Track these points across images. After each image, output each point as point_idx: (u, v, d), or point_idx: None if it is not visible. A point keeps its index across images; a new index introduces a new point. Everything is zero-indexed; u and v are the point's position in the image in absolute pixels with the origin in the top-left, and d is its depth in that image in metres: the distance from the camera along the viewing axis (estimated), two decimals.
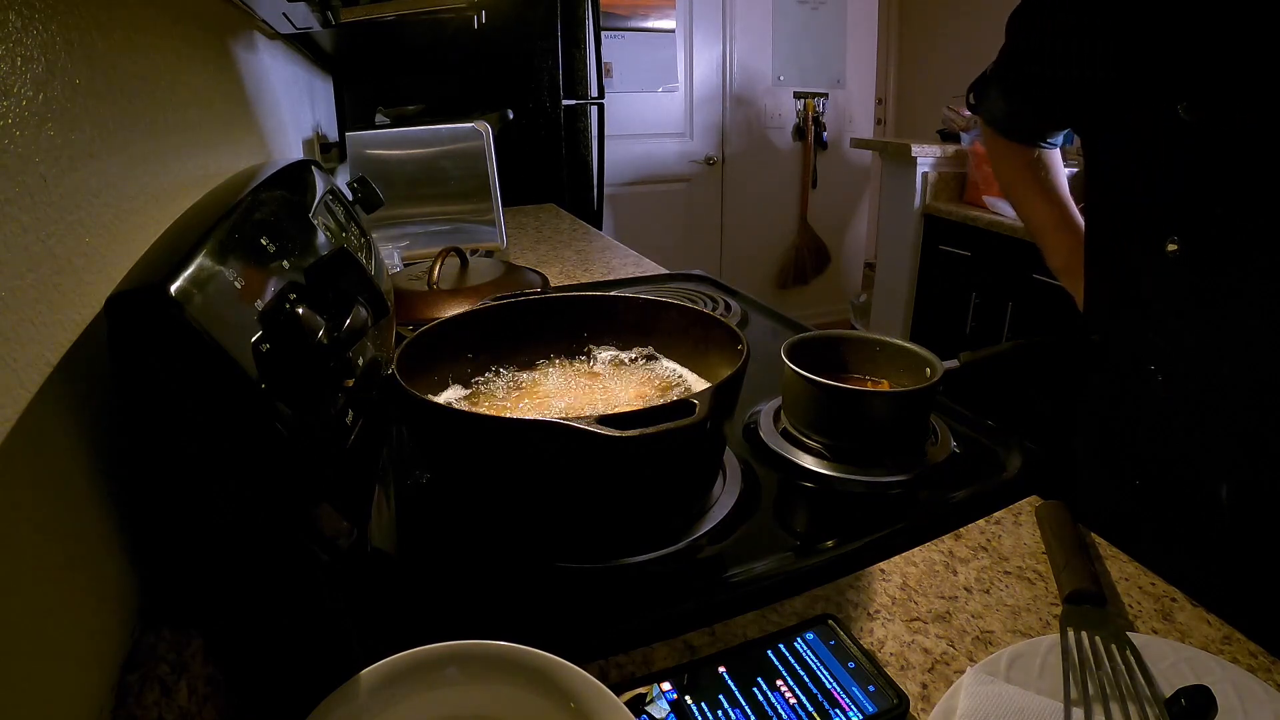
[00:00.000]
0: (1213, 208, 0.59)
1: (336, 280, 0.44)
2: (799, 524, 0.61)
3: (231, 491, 0.34)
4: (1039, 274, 1.93)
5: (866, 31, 3.48)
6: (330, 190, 0.67)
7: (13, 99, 0.29)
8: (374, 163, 1.23)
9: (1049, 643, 0.45)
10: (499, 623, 0.46)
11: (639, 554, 0.54)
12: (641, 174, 3.29)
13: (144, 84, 0.45)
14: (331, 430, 0.40)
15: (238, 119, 0.71)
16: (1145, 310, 0.67)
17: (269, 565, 0.36)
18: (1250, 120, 0.55)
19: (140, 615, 0.36)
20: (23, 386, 0.28)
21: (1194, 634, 0.48)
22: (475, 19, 1.04)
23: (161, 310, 0.30)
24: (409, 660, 0.37)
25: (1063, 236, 0.86)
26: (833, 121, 3.52)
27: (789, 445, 0.69)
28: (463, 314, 0.68)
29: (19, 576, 0.27)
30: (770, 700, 0.42)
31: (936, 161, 2.40)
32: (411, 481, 0.64)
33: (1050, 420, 1.25)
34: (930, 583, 0.53)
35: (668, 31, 3.16)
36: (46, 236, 0.31)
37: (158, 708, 0.32)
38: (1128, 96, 0.64)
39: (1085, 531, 0.57)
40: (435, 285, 0.96)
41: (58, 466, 0.31)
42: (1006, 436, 0.70)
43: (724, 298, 1.14)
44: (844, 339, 0.76)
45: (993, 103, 0.85)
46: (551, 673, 0.36)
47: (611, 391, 0.64)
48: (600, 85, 2.33)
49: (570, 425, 0.44)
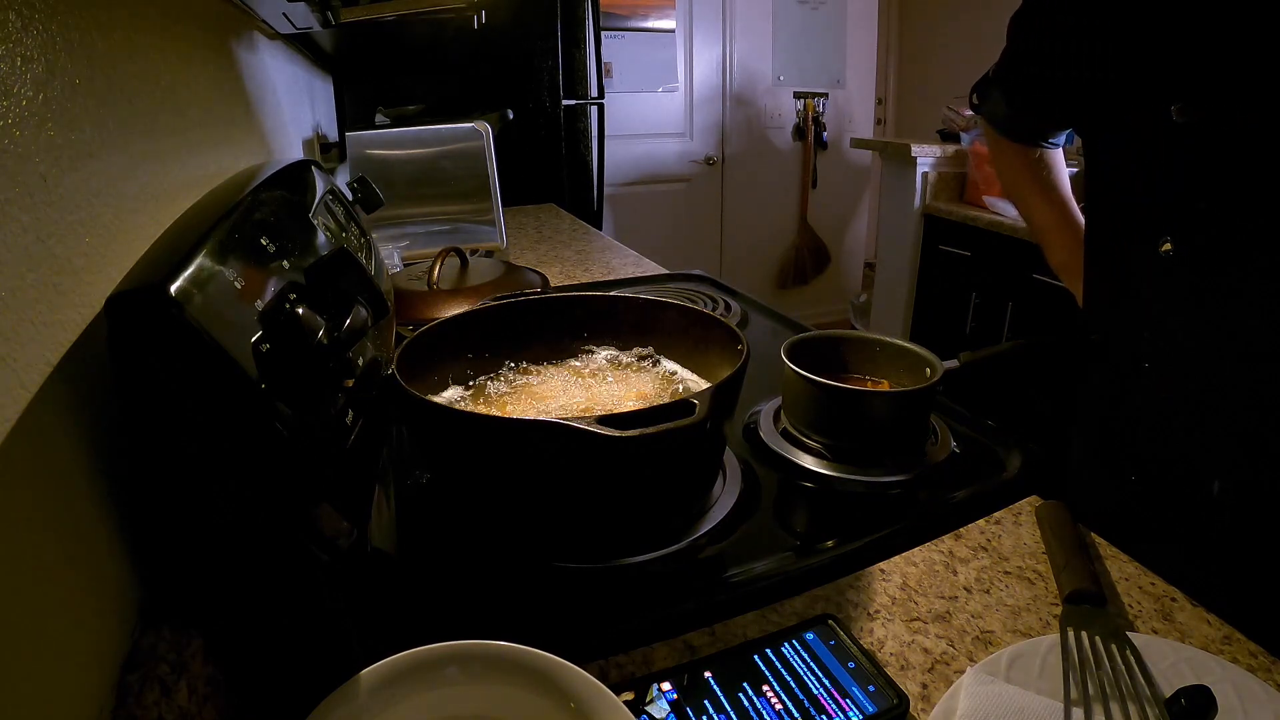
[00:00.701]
0: (1206, 209, 0.59)
1: (336, 280, 0.44)
2: (799, 524, 0.61)
3: (231, 491, 0.34)
4: (1039, 274, 1.93)
5: (866, 31, 3.48)
6: (330, 190, 0.67)
7: (13, 99, 0.29)
8: (374, 163, 1.23)
9: (1049, 643, 0.45)
10: (499, 623, 0.46)
11: (639, 554, 0.54)
12: (641, 174, 3.29)
13: (144, 84, 0.45)
14: (331, 430, 0.40)
15: (238, 119, 0.71)
16: (1141, 310, 0.67)
17: (269, 565, 0.36)
18: (1242, 122, 0.55)
19: (140, 615, 0.36)
20: (23, 386, 0.28)
21: (1194, 634, 0.48)
22: (475, 19, 1.04)
23: (161, 310, 0.30)
24: (409, 660, 0.37)
25: (1063, 235, 0.86)
26: (833, 121, 3.51)
27: (789, 445, 0.69)
28: (463, 314, 0.68)
29: (19, 576, 0.27)
30: (770, 702, 0.42)
31: (936, 161, 2.40)
32: (411, 481, 0.64)
33: (1050, 420, 1.25)
34: (930, 583, 0.53)
35: (668, 31, 3.16)
36: (46, 236, 0.31)
37: (158, 708, 0.32)
38: (1125, 98, 0.64)
39: (1085, 531, 0.57)
40: (435, 285, 0.96)
41: (58, 466, 0.31)
42: (1006, 436, 0.70)
43: (724, 298, 1.14)
44: (844, 339, 0.76)
45: (995, 103, 0.86)
46: (551, 673, 0.36)
47: (611, 391, 0.64)
48: (600, 85, 2.33)
49: (570, 425, 0.44)
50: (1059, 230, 0.87)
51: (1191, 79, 0.57)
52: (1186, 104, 0.57)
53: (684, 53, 3.23)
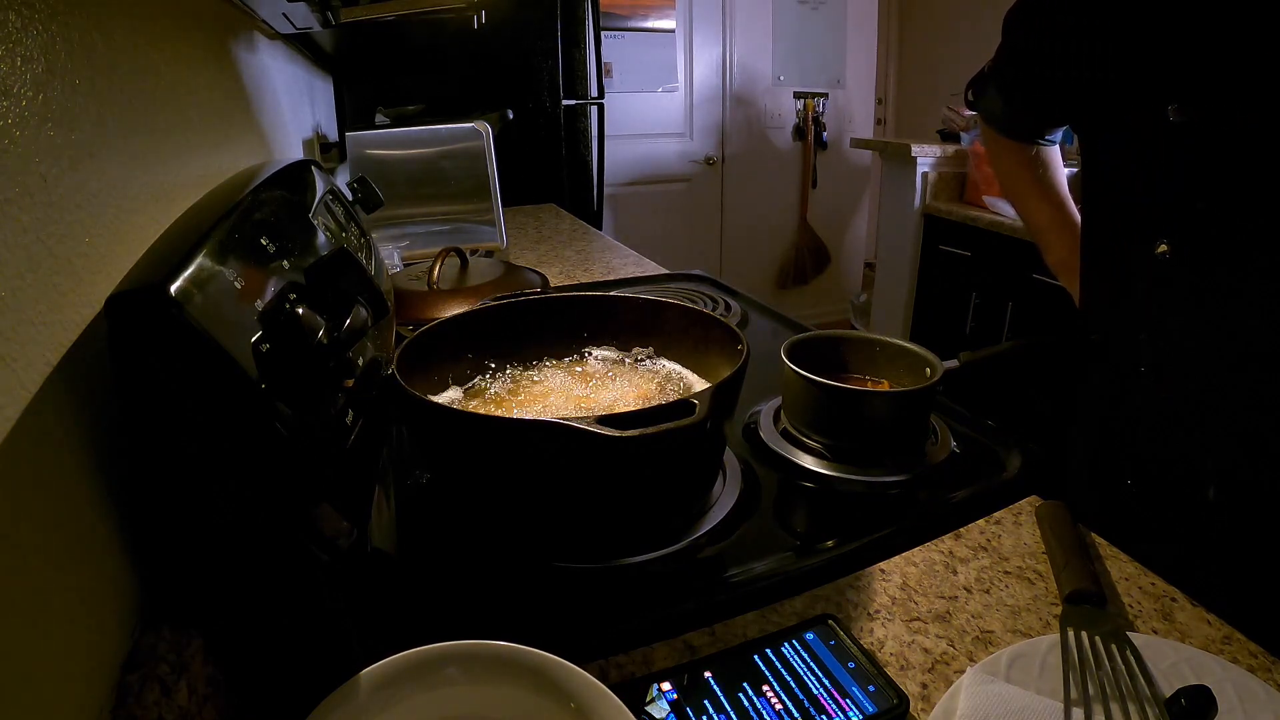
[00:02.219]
0: (1203, 210, 0.59)
1: (336, 280, 0.44)
2: (799, 524, 0.61)
3: (231, 491, 0.34)
4: (1039, 274, 1.93)
5: (866, 31, 3.48)
6: (330, 190, 0.67)
7: (13, 99, 0.29)
8: (374, 163, 1.23)
9: (1049, 643, 0.45)
10: (499, 623, 0.46)
11: (639, 554, 0.54)
12: (641, 174, 3.29)
13: (144, 84, 0.45)
14: (331, 430, 0.40)
15: (238, 119, 0.71)
16: (1138, 311, 0.67)
17: (269, 565, 0.36)
18: (1239, 123, 0.55)
19: (140, 615, 0.36)
20: (23, 386, 0.28)
21: (1194, 634, 0.48)
22: (475, 19, 1.04)
23: (161, 310, 0.30)
24: (409, 660, 0.37)
25: (1060, 234, 0.86)
26: (833, 121, 3.51)
27: (789, 445, 0.69)
28: (463, 314, 0.68)
29: (19, 576, 0.27)
30: (769, 702, 0.42)
31: (936, 161, 2.40)
32: (411, 481, 0.64)
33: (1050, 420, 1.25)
34: (930, 583, 0.53)
35: (668, 31, 3.16)
36: (46, 236, 0.31)
37: (158, 708, 0.32)
38: (1123, 97, 0.64)
39: (1085, 531, 0.57)
40: (435, 285, 0.96)
41: (58, 466, 0.31)
42: (1006, 436, 0.70)
43: (724, 298, 1.14)
44: (844, 339, 0.76)
45: (991, 100, 0.85)
46: (551, 673, 0.36)
47: (612, 391, 0.64)
48: (600, 85, 2.33)
49: (570, 425, 0.44)
50: (1056, 229, 0.87)
51: (1188, 79, 0.57)
52: (1183, 104, 0.57)
53: (684, 53, 3.23)
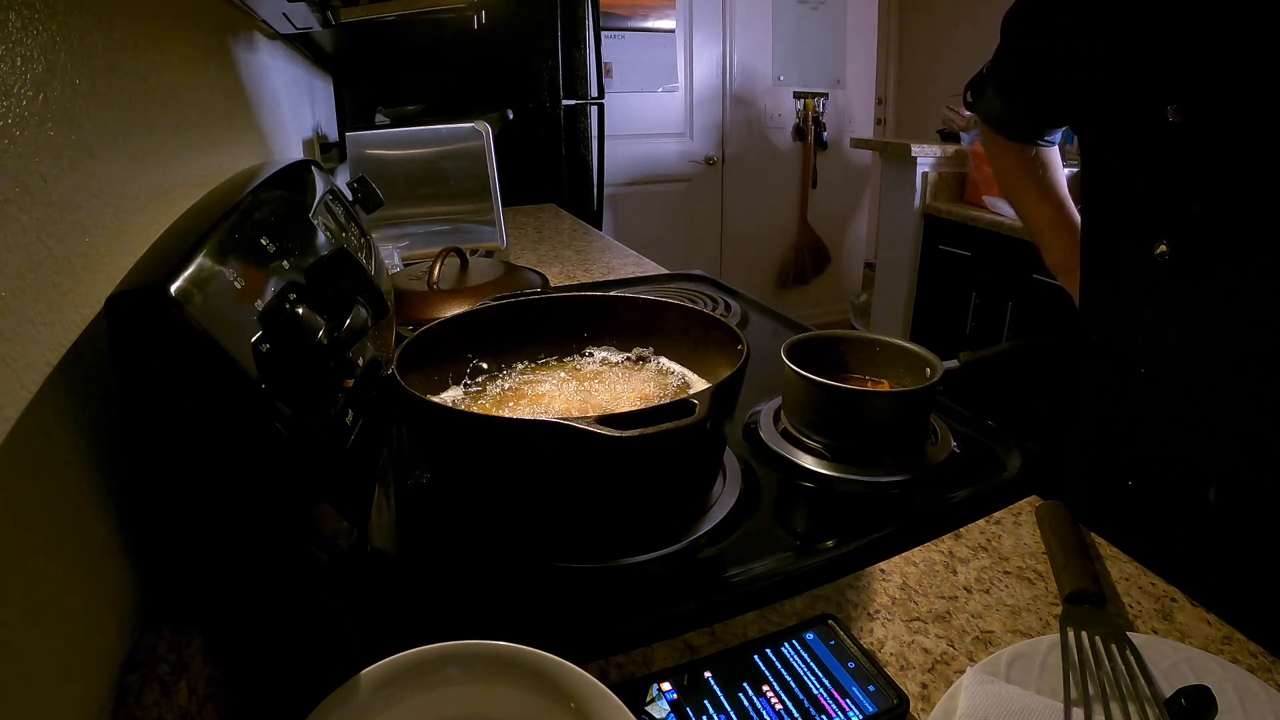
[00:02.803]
0: (1201, 211, 0.59)
1: (336, 280, 0.44)
2: (799, 524, 0.61)
3: (231, 491, 0.34)
4: (1039, 274, 1.93)
5: (866, 31, 3.48)
6: (330, 190, 0.67)
7: (13, 99, 0.29)
8: (374, 163, 1.23)
9: (1049, 643, 0.45)
10: (499, 623, 0.46)
11: (639, 554, 0.54)
12: (641, 174, 3.29)
13: (144, 84, 0.45)
14: (331, 430, 0.40)
15: (238, 119, 0.71)
16: (1137, 312, 0.67)
17: (269, 565, 0.36)
18: (1237, 123, 0.55)
19: (140, 615, 0.36)
20: (23, 386, 0.28)
21: (1194, 634, 0.48)
22: (475, 19, 1.04)
23: (161, 310, 0.30)
24: (409, 660, 0.37)
25: (1059, 234, 0.86)
26: (833, 121, 3.51)
27: (789, 445, 0.69)
28: (463, 314, 0.68)
29: (19, 576, 0.27)
30: (770, 702, 0.42)
31: (936, 161, 2.40)
32: (411, 481, 0.64)
33: (1050, 420, 1.25)
34: (930, 583, 0.53)
35: (668, 31, 3.16)
36: (46, 236, 0.31)
37: (158, 708, 0.32)
38: (1122, 98, 0.64)
39: (1085, 531, 0.57)
40: (435, 285, 0.96)
41: (58, 466, 0.31)
42: (1006, 436, 0.70)
43: (724, 298, 1.14)
44: (844, 339, 0.76)
45: (989, 101, 0.85)
46: (551, 673, 0.36)
47: (611, 391, 0.64)
48: (600, 85, 2.33)
49: (570, 425, 0.44)
50: (1055, 229, 0.87)
51: (1187, 79, 0.57)
52: (1182, 104, 0.57)
53: (684, 53, 3.22)
